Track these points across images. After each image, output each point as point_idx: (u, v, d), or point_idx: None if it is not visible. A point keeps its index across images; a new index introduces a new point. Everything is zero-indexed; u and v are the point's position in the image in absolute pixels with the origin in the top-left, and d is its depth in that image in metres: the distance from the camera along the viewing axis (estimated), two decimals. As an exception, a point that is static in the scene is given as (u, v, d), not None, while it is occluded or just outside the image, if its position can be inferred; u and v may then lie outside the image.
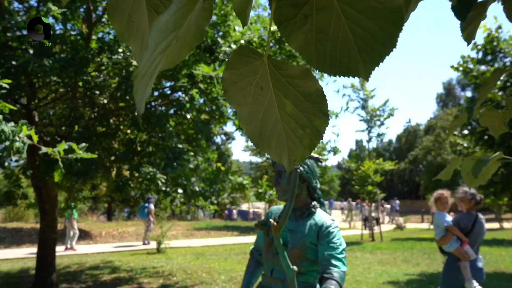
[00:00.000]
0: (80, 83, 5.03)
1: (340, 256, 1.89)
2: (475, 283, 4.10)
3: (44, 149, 2.02)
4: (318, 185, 2.10)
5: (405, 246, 13.65)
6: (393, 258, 10.96)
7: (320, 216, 2.05)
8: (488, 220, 30.04)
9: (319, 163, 1.58)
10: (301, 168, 1.92)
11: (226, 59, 5.02)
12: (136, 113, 4.78)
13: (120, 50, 4.60)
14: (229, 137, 52.16)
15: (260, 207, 32.20)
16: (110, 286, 6.80)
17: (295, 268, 1.57)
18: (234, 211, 31.85)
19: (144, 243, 13.62)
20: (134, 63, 4.52)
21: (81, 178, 4.61)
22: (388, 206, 28.61)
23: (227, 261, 9.85)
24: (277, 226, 1.52)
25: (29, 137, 1.90)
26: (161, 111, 5.55)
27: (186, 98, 5.53)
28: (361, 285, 6.88)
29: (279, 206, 2.20)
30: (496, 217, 29.10)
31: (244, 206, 36.68)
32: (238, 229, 20.20)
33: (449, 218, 4.48)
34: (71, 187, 7.62)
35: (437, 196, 4.77)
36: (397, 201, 33.08)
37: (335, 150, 7.96)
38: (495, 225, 26.67)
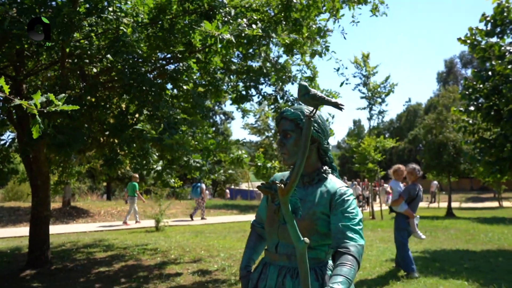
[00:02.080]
0: (67, 50, 4.70)
1: (356, 227, 1.62)
2: (419, 233, 6.00)
3: (17, 101, 1.72)
4: (330, 147, 1.82)
5: (406, 224, 13.50)
6: (395, 236, 10.81)
7: (333, 182, 1.77)
8: (487, 199, 30.20)
9: (339, 110, 1.30)
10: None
11: (227, 19, 4.66)
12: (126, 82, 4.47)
13: (110, 9, 4.24)
14: (228, 116, 51.87)
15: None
16: (106, 263, 6.62)
17: (306, 240, 1.30)
18: (227, 191, 31.71)
19: (203, 218, 14.93)
20: (125, 21, 4.17)
21: (64, 150, 4.31)
22: (387, 185, 28.53)
23: (226, 239, 9.69)
24: (284, 189, 1.25)
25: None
26: (156, 82, 5.23)
27: (183, 67, 5.20)
28: (364, 262, 6.70)
29: (283, 173, 1.92)
30: (495, 196, 29.11)
31: (244, 186, 36.68)
32: (237, 207, 20.10)
33: (402, 186, 6.17)
34: (64, 163, 7.37)
35: (395, 168, 6.37)
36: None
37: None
38: (495, 204, 26.68)
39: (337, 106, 1.29)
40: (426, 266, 6.47)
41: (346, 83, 8.19)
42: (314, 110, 1.30)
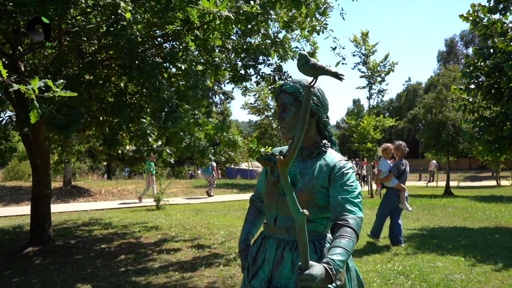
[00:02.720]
0: (63, 26, 4.62)
1: (356, 200, 1.63)
2: (407, 205, 6.51)
3: (15, 86, 1.71)
4: (330, 121, 1.81)
5: (404, 202, 13.61)
6: (393, 214, 10.91)
7: (332, 156, 1.77)
8: (485, 178, 30.32)
9: (339, 80, 1.28)
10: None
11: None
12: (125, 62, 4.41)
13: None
14: (228, 96, 51.61)
15: (259, 166, 32.24)
16: (107, 240, 6.70)
17: (305, 212, 1.30)
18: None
19: (210, 195, 15.81)
20: (123, 3, 4.09)
21: (63, 131, 4.29)
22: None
23: (226, 217, 9.78)
24: (283, 161, 1.24)
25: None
26: (154, 61, 5.17)
27: (180, 47, 5.13)
28: (363, 240, 6.78)
29: (282, 147, 1.92)
30: (493, 175, 29.26)
31: (243, 165, 36.79)
32: (237, 186, 20.21)
33: (390, 163, 6.66)
34: (64, 141, 7.37)
35: (384, 147, 6.86)
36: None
37: None
38: (493, 182, 26.86)
39: (337, 76, 1.28)
40: (424, 242, 6.55)
41: (343, 63, 8.11)
42: (314, 80, 1.28)
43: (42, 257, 5.66)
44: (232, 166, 36.14)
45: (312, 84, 1.28)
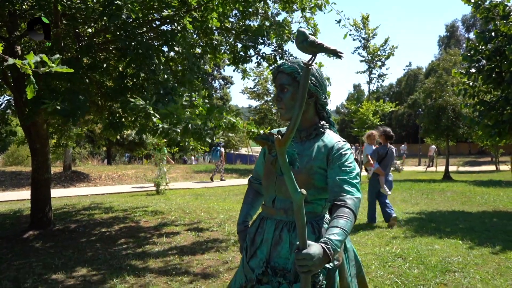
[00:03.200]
0: (60, 8, 4.56)
1: (353, 181, 1.62)
2: (386, 188, 6.85)
3: (11, 60, 1.68)
4: (328, 102, 1.80)
5: (403, 187, 13.69)
6: (392, 198, 10.97)
7: (330, 137, 1.77)
8: (484, 163, 30.37)
9: (338, 58, 1.27)
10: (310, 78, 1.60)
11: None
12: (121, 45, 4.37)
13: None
14: (227, 81, 51.34)
15: (259, 151, 32.25)
16: (107, 224, 6.74)
17: (303, 191, 1.30)
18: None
19: (222, 179, 16.15)
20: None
21: (70, 119, 4.27)
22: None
23: (226, 201, 9.83)
24: (281, 140, 1.23)
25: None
26: (152, 45, 5.11)
27: (178, 27, 5.07)
28: (361, 224, 6.83)
29: (280, 128, 1.91)
30: (493, 159, 29.32)
31: (243, 150, 36.84)
32: (237, 171, 20.26)
33: (373, 149, 7.15)
34: (62, 126, 7.35)
35: (368, 134, 7.55)
36: (405, 146, 33.50)
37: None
38: (492, 167, 26.93)
39: (336, 53, 1.26)
40: (422, 226, 6.59)
41: (350, 34, 8.08)
42: (313, 58, 1.26)
43: (42, 241, 5.70)
44: (232, 151, 36.19)
45: (310, 62, 1.26)
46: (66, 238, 5.88)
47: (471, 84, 9.37)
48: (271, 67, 6.50)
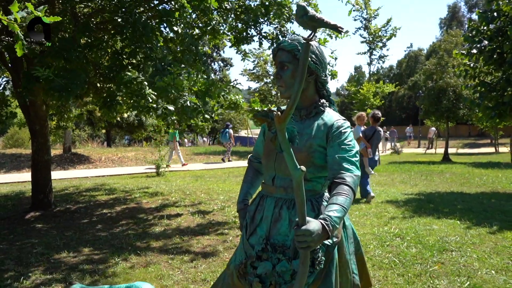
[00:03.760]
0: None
1: (353, 159, 1.63)
2: (370, 169, 7.30)
3: None
4: (328, 80, 1.79)
5: (402, 169, 13.74)
6: (391, 179, 11.03)
7: (330, 115, 1.76)
8: (484, 145, 30.40)
9: (339, 33, 1.25)
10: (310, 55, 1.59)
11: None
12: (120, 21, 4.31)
13: None
14: (227, 63, 50.94)
15: (258, 133, 32.15)
16: (108, 206, 6.79)
17: (302, 168, 1.30)
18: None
19: (229, 160, 16.78)
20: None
21: (64, 95, 4.24)
22: (387, 133, 28.66)
23: (225, 182, 9.87)
24: (281, 117, 1.23)
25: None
26: (149, 23, 5.05)
27: (176, 5, 5.00)
28: (360, 204, 6.88)
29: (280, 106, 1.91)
30: (492, 142, 29.34)
31: (243, 133, 36.83)
32: (237, 153, 20.30)
33: (362, 130, 7.51)
34: (61, 107, 7.33)
35: (358, 115, 7.83)
36: (410, 128, 33.49)
37: (332, 74, 7.53)
38: (491, 149, 26.98)
39: (336, 28, 1.24)
40: (420, 207, 6.64)
41: (354, 10, 8.01)
42: (313, 33, 1.25)
43: (44, 222, 5.75)
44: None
45: (310, 37, 1.24)
46: (68, 219, 5.93)
47: (472, 65, 9.31)
48: (273, 47, 6.44)
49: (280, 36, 6.31)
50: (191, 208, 6.55)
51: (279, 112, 1.24)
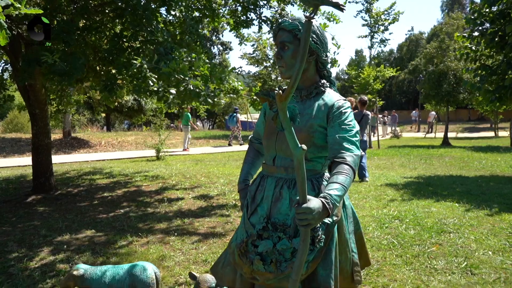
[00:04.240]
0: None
1: (353, 139, 1.64)
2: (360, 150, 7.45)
3: None
4: (329, 60, 1.79)
5: (401, 152, 13.78)
6: (391, 163, 11.07)
7: (331, 96, 1.77)
8: (483, 129, 30.40)
9: (340, 11, 1.24)
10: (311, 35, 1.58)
11: None
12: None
13: None
14: (226, 47, 50.51)
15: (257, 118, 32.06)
16: (108, 189, 6.83)
17: (303, 146, 1.32)
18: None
19: (229, 145, 16.95)
20: None
21: (65, 79, 4.23)
22: (388, 117, 28.63)
23: (225, 166, 9.91)
24: (282, 95, 1.24)
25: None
26: (149, 6, 5.00)
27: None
28: (359, 187, 6.92)
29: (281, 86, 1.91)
30: (492, 126, 29.34)
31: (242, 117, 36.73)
32: (236, 138, 20.27)
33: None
34: (61, 91, 7.31)
35: (347, 100, 8.38)
36: (416, 112, 33.47)
37: (333, 62, 7.49)
38: (491, 133, 27.00)
39: (338, 6, 1.24)
40: (419, 190, 6.68)
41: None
42: (314, 10, 1.25)
43: (45, 205, 5.79)
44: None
45: (312, 15, 1.24)
46: (69, 202, 5.97)
47: (473, 48, 9.25)
48: (274, 27, 6.40)
49: (280, 20, 6.27)
50: (191, 191, 6.59)
51: (280, 91, 1.24)
